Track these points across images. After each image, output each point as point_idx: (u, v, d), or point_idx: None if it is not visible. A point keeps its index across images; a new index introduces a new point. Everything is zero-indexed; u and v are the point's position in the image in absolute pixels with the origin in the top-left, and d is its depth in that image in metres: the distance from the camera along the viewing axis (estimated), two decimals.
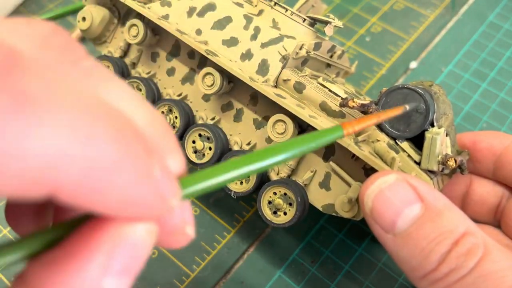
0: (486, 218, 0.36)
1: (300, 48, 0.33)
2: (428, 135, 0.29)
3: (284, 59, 0.32)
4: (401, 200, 0.24)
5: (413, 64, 0.52)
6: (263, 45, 0.33)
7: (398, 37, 0.54)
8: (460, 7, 0.57)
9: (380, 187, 0.25)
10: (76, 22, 0.49)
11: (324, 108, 0.32)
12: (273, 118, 0.32)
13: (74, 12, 0.55)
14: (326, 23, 0.34)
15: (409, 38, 0.54)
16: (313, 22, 0.35)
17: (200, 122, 0.36)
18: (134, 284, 0.40)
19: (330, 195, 0.32)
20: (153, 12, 0.36)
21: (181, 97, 0.37)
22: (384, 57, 0.52)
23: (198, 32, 0.35)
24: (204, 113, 0.36)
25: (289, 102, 0.31)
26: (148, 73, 0.38)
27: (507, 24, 0.55)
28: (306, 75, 0.33)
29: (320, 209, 0.33)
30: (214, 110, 0.36)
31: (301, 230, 0.40)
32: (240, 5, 0.35)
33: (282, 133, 0.32)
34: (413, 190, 0.25)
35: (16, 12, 0.55)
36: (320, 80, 0.33)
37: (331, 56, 0.37)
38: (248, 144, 0.35)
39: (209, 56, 0.33)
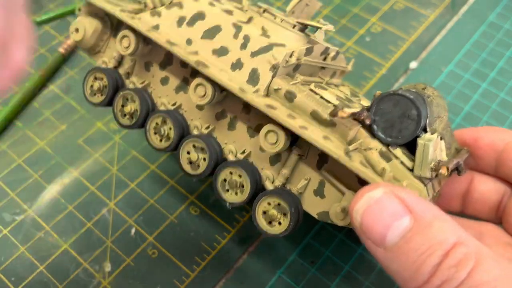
0: (488, 216, 0.36)
1: (290, 56, 0.32)
2: (420, 141, 0.28)
3: (274, 68, 0.32)
4: (390, 214, 0.24)
5: (413, 64, 0.52)
6: (253, 54, 0.33)
7: (398, 37, 0.54)
8: (460, 7, 0.57)
9: (368, 202, 0.25)
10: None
11: (315, 117, 0.31)
12: (265, 128, 0.32)
13: (75, 12, 0.55)
14: (316, 28, 0.34)
15: (409, 38, 0.54)
16: (304, 27, 0.35)
17: (195, 131, 0.36)
18: (135, 284, 0.41)
19: (324, 203, 0.32)
20: (144, 22, 0.36)
21: (175, 106, 0.37)
22: (384, 57, 0.52)
23: (189, 42, 0.35)
24: (198, 122, 0.36)
25: (279, 113, 0.31)
26: (142, 82, 0.38)
27: (507, 24, 0.55)
28: (298, 82, 0.32)
29: (316, 216, 0.33)
30: (208, 119, 0.36)
31: (301, 230, 0.40)
32: (229, 12, 0.35)
33: (274, 143, 0.32)
34: (401, 203, 0.25)
35: None
36: (312, 86, 0.33)
37: (325, 59, 0.36)
38: (243, 152, 0.35)
39: (199, 68, 0.33)
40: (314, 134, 0.30)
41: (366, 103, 0.37)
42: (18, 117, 0.47)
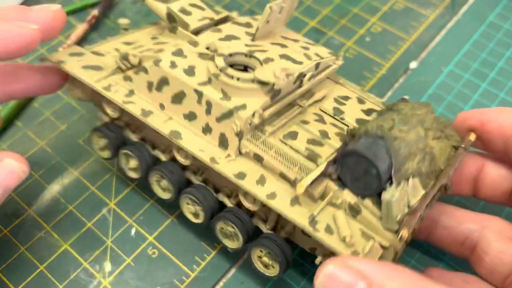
0: (500, 201, 0.35)
1: (253, 116, 0.32)
2: (383, 197, 0.28)
3: (238, 134, 0.32)
4: (344, 286, 0.25)
5: (413, 64, 0.52)
6: (218, 120, 0.33)
7: (398, 37, 0.54)
8: (460, 7, 0.57)
9: (323, 279, 0.25)
10: (76, 22, 0.49)
11: (283, 177, 0.32)
12: (241, 192, 0.34)
13: (75, 12, 0.56)
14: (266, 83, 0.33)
15: (409, 38, 0.54)
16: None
17: (192, 177, 0.37)
18: (135, 284, 0.41)
19: (313, 240, 0.33)
20: (119, 91, 0.36)
21: (170, 156, 0.38)
22: (384, 57, 0.52)
23: (162, 106, 0.35)
24: (192, 169, 0.37)
25: (247, 182, 0.32)
26: (140, 135, 0.39)
27: (507, 24, 0.55)
28: (266, 137, 0.33)
29: (308, 250, 0.35)
30: (201, 166, 0.37)
31: None
32: (191, 71, 0.34)
33: (253, 203, 0.34)
34: (353, 272, 0.25)
35: None
36: (280, 137, 0.33)
37: (301, 82, 0.36)
38: (236, 196, 0.35)
39: (172, 140, 0.34)
40: (282, 201, 0.31)
41: (376, 105, 0.38)
42: (18, 117, 0.47)
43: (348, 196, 0.30)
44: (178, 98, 0.34)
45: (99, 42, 0.42)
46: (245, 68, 0.36)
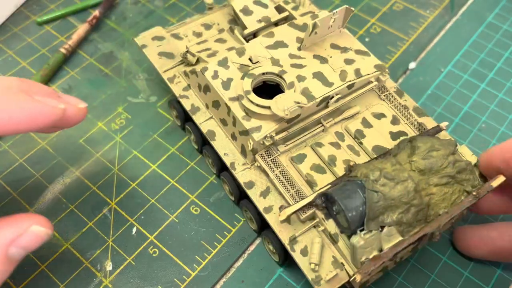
0: None
1: (264, 138, 0.35)
2: (352, 240, 0.31)
3: (252, 150, 0.36)
4: None
5: (412, 65, 0.52)
6: (240, 133, 0.37)
7: (398, 38, 0.54)
8: (459, 8, 0.57)
9: None
10: (77, 22, 0.49)
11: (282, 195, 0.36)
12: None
13: (76, 12, 0.56)
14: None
15: (408, 39, 0.54)
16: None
17: None
18: (136, 283, 0.41)
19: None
20: (182, 80, 0.42)
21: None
22: (384, 57, 0.53)
23: (206, 106, 0.40)
24: None
25: (255, 190, 0.37)
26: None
27: (506, 25, 0.55)
28: (278, 156, 0.36)
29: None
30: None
31: None
32: (226, 85, 0.37)
33: None
34: None
35: (18, 13, 0.56)
36: (290, 156, 0.37)
37: (327, 104, 0.37)
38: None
39: (208, 137, 0.39)
40: (275, 216, 0.35)
41: (409, 128, 0.39)
42: None
43: (330, 226, 0.34)
44: (216, 104, 0.39)
45: (183, 21, 0.47)
46: (278, 85, 0.38)
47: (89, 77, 0.51)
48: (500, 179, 0.33)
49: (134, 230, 0.41)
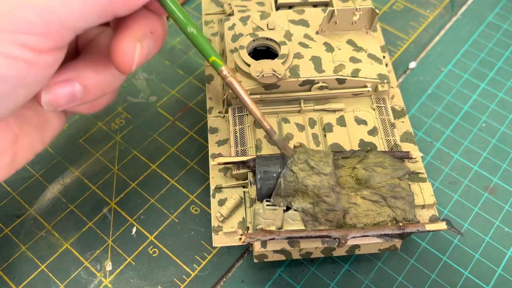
0: None
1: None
2: (254, 206, 0.33)
3: (227, 101, 0.38)
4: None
5: (413, 64, 0.52)
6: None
7: (398, 37, 0.54)
8: (459, 7, 0.57)
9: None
10: None
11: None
12: None
13: None
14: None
15: (408, 38, 0.54)
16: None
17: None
18: (135, 282, 0.41)
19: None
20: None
21: None
22: None
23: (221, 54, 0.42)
24: None
25: (214, 139, 0.39)
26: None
27: (506, 24, 0.55)
28: (245, 115, 0.38)
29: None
30: None
31: None
32: (234, 40, 0.40)
33: None
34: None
35: None
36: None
37: (310, 88, 0.38)
38: None
39: (206, 81, 0.42)
40: (217, 166, 0.37)
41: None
42: None
43: (252, 190, 0.35)
44: (223, 54, 0.40)
45: None
46: (267, 49, 0.40)
47: None
48: (441, 225, 0.33)
49: (134, 230, 0.41)
